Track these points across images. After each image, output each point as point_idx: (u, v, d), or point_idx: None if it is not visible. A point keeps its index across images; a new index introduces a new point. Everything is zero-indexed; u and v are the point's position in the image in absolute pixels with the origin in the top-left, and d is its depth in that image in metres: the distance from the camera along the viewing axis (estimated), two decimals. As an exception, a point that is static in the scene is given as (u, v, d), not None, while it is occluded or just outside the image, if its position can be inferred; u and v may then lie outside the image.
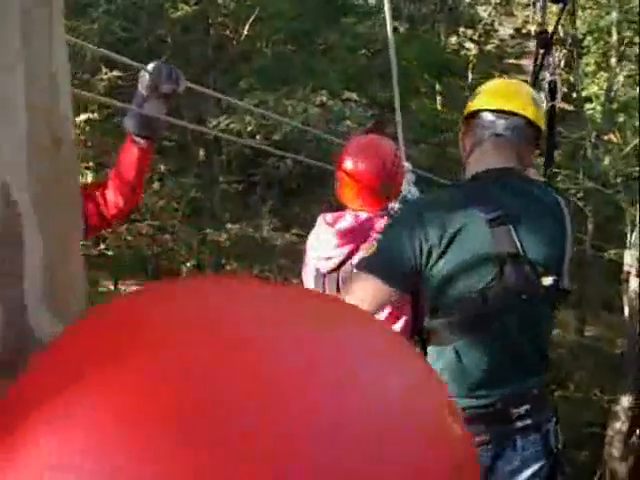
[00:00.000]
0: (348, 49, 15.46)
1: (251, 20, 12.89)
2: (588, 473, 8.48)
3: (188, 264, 12.81)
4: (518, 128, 2.11)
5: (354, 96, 13.21)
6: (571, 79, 15.28)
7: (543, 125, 2.21)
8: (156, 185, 11.74)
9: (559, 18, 3.57)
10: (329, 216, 2.80)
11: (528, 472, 2.07)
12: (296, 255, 15.91)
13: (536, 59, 3.40)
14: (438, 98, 17.50)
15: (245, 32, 13.10)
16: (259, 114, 10.48)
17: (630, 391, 8.49)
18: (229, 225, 14.18)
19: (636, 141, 9.31)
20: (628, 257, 8.20)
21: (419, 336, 2.07)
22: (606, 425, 8.89)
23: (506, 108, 2.12)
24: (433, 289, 1.94)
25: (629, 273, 8.07)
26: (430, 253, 1.89)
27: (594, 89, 14.09)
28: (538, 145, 2.28)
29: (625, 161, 10.32)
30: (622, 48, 15.12)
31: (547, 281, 1.97)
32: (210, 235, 12.37)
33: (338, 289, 2.67)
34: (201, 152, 13.32)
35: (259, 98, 11.25)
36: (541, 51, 3.34)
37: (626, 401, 8.50)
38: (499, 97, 2.16)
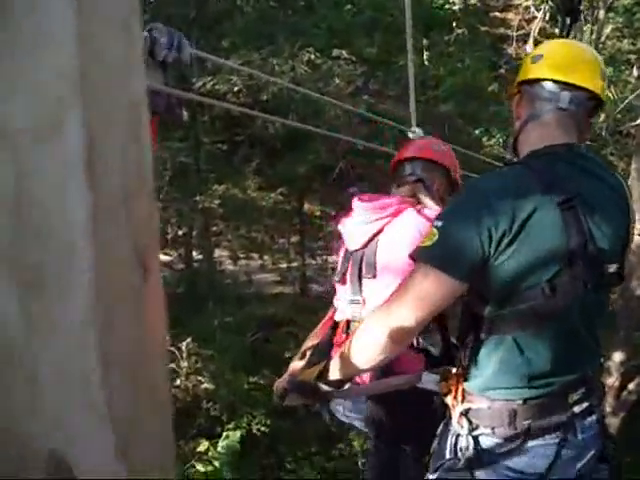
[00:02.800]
0: (333, 5, 15.17)
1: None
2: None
3: (179, 232, 12.67)
4: (583, 102, 1.95)
5: (343, 53, 12.95)
6: (556, 31, 15.11)
7: (607, 97, 2.06)
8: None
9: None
10: (364, 196, 2.70)
11: (588, 456, 2.00)
12: (282, 215, 15.91)
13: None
14: (425, 53, 17.26)
15: (227, -11, 12.82)
16: (245, 74, 10.27)
17: (622, 347, 8.52)
18: (215, 186, 14.03)
19: (632, 96, 9.19)
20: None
21: (472, 326, 1.93)
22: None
23: (572, 81, 1.94)
24: (497, 278, 1.77)
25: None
26: (500, 242, 1.72)
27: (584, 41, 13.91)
28: (594, 117, 2.09)
29: (618, 116, 10.23)
30: (610, 0, 15.01)
31: (611, 269, 1.86)
32: (200, 200, 12.19)
33: (360, 269, 2.57)
34: (185, 113, 13.05)
35: (244, 57, 11.03)
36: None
37: (618, 357, 8.54)
38: (564, 66, 1.96)
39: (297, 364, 2.64)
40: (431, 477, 1.97)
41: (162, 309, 0.47)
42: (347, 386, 2.17)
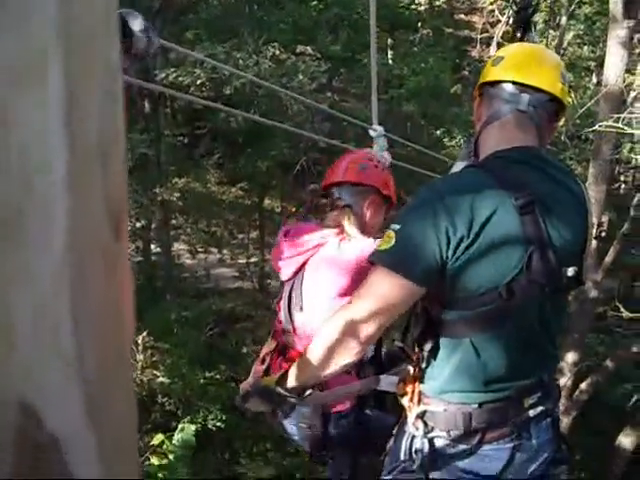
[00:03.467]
0: (298, 0, 15.15)
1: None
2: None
3: (138, 224, 12.57)
4: (543, 105, 1.92)
5: (308, 49, 12.93)
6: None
7: (568, 102, 2.04)
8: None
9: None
10: (290, 230, 2.70)
11: (541, 459, 2.00)
12: (242, 210, 15.86)
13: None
14: (389, 52, 17.32)
15: (192, -19, 12.74)
16: (209, 67, 10.21)
17: (576, 348, 8.66)
18: (175, 179, 13.95)
19: (591, 102, 9.32)
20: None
21: (428, 328, 1.92)
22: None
23: (532, 83, 1.91)
24: (455, 281, 1.73)
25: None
26: (458, 245, 1.68)
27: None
28: (558, 121, 2.05)
29: (578, 122, 10.38)
30: (572, 7, 15.21)
31: (570, 272, 1.83)
32: (160, 193, 12.11)
33: (290, 300, 2.58)
34: (147, 105, 12.97)
35: (208, 50, 10.94)
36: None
37: (571, 357, 8.67)
38: (525, 68, 1.95)
39: (259, 368, 2.61)
40: (385, 478, 1.96)
41: (130, 275, 0.47)
42: (308, 392, 2.15)
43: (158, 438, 7.80)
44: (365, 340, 1.80)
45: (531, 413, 1.92)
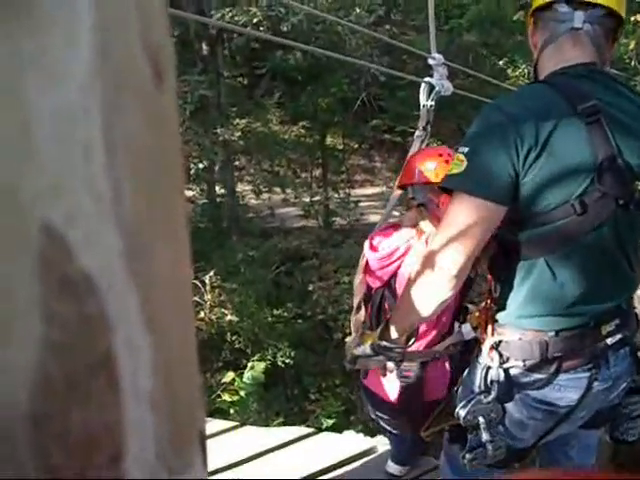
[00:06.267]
0: None
1: None
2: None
3: (200, 165, 12.66)
4: (599, 20, 1.85)
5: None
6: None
7: (624, 13, 1.95)
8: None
9: None
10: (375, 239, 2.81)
11: (620, 388, 1.99)
12: (304, 149, 15.84)
13: None
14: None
15: None
16: (264, 4, 10.10)
17: None
18: (236, 120, 13.96)
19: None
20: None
21: (502, 253, 1.87)
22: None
23: None
24: (527, 196, 1.71)
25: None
26: (527, 157, 1.66)
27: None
28: (618, 38, 1.98)
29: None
30: None
31: None
32: (221, 134, 12.13)
33: (380, 307, 2.68)
34: (204, 47, 12.94)
35: (263, -13, 10.83)
36: None
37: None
38: None
39: (359, 318, 2.65)
40: (461, 412, 1.95)
41: (178, 138, 0.44)
42: (412, 341, 2.19)
43: (229, 376, 7.99)
44: (457, 271, 1.75)
45: (609, 341, 1.89)
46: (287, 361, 9.59)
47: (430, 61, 3.27)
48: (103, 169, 0.37)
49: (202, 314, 9.85)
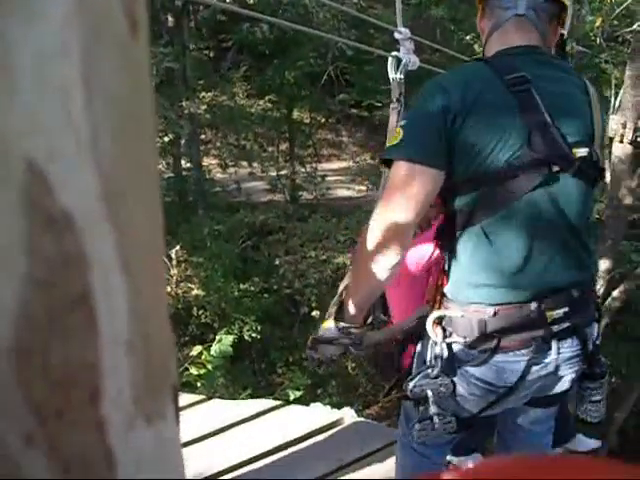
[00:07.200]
0: None
1: None
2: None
3: (166, 138, 12.56)
4: (542, 7, 1.94)
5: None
6: None
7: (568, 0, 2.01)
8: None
9: None
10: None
11: (567, 375, 2.00)
12: (271, 122, 15.77)
13: None
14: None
15: None
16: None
17: (609, 255, 8.60)
18: (203, 94, 13.86)
19: (629, 1, 8.96)
20: (612, 122, 8.09)
21: (447, 224, 1.92)
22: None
23: None
24: (458, 161, 1.78)
25: (612, 138, 8.01)
26: (454, 122, 1.74)
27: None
28: (563, 23, 2.05)
29: (615, 22, 10.02)
30: None
31: (580, 152, 1.83)
32: (187, 107, 12.04)
33: None
34: (170, 18, 12.79)
35: (230, -41, 10.69)
36: None
37: (604, 265, 8.62)
38: None
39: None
40: (410, 385, 1.97)
41: (149, 76, 0.45)
42: (370, 319, 2.15)
43: (196, 349, 8.00)
44: (402, 233, 1.79)
45: (555, 328, 1.90)
46: (254, 335, 9.62)
47: (396, 35, 3.26)
48: (82, 112, 0.38)
49: (168, 288, 9.83)
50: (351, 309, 2.01)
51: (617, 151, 8.04)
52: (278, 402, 4.07)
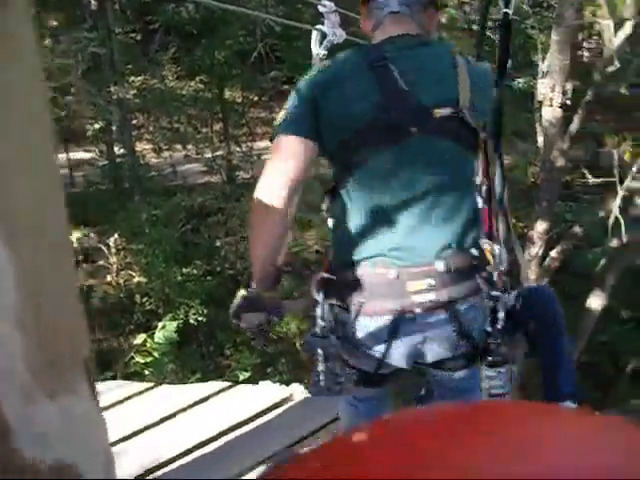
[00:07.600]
0: None
1: None
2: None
3: (96, 125, 12.33)
4: (413, 0, 2.13)
5: None
6: None
7: None
8: (48, 42, 11.06)
9: None
10: None
11: (432, 348, 2.08)
12: (203, 103, 15.59)
13: None
14: None
15: None
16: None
17: (545, 217, 8.76)
18: (132, 78, 13.62)
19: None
20: (541, 86, 8.22)
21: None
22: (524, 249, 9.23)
23: None
24: (326, 132, 1.99)
25: (541, 102, 8.14)
26: (322, 96, 1.98)
27: None
28: (437, 5, 2.27)
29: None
30: None
31: (441, 112, 1.96)
32: (116, 92, 11.82)
33: None
34: (93, 2, 12.51)
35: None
36: None
37: (540, 227, 8.78)
38: None
39: None
40: (302, 343, 2.10)
41: (35, 55, 0.45)
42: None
43: (140, 337, 7.94)
44: (284, 193, 1.95)
45: (416, 299, 1.98)
46: (200, 319, 9.58)
47: (321, 9, 3.23)
48: None
49: (109, 278, 9.70)
50: (255, 274, 2.16)
51: (547, 115, 8.16)
52: (227, 384, 4.07)
